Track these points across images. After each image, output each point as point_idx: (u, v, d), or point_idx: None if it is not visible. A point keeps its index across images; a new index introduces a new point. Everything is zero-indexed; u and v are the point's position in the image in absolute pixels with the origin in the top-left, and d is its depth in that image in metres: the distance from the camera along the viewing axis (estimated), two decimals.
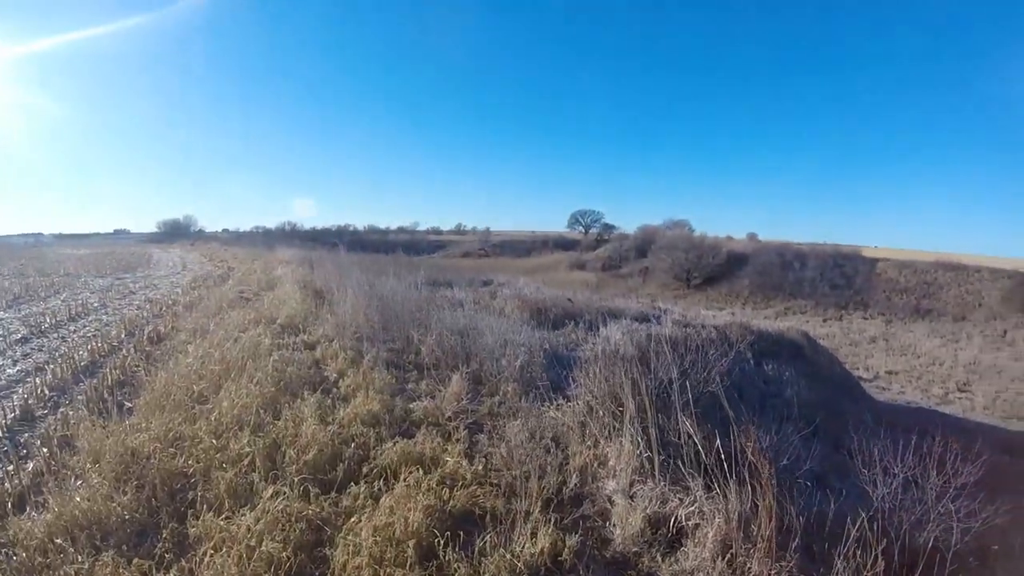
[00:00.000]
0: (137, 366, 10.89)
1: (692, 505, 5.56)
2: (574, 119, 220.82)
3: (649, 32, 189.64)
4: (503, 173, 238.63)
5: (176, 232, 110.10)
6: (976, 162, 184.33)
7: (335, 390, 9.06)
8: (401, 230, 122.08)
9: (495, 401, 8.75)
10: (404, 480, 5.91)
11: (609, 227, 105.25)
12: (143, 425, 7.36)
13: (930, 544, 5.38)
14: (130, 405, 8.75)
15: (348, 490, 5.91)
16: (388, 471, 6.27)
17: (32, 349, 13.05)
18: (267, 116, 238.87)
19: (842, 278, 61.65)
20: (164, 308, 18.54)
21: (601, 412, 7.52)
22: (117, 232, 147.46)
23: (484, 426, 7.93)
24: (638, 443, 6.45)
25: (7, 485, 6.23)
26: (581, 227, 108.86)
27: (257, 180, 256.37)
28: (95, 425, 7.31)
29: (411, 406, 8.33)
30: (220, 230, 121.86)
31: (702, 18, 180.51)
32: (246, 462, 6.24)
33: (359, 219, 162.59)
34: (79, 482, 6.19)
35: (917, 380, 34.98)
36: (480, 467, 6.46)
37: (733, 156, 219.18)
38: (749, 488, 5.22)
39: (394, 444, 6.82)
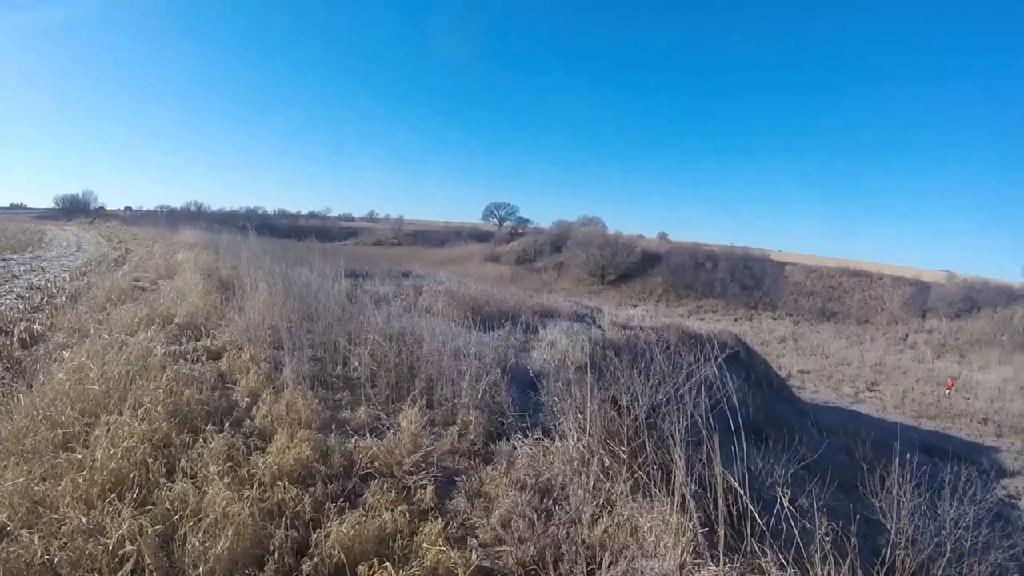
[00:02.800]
0: (1, 378, 8.79)
1: None
2: (491, 109, 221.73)
3: (568, 27, 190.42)
4: (418, 161, 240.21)
5: (75, 208, 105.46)
6: (879, 172, 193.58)
7: (248, 422, 7.04)
8: (312, 215, 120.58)
9: (455, 433, 7.03)
10: None
11: (523, 220, 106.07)
12: None
13: None
14: None
15: None
16: (339, 570, 4.48)
17: None
18: (177, 91, 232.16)
19: (751, 279, 64.62)
20: (46, 298, 16.25)
21: (602, 453, 6.00)
22: (13, 207, 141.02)
23: (453, 476, 6.17)
24: (676, 502, 4.92)
25: None
26: (496, 219, 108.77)
27: (163, 157, 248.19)
28: None
29: (351, 447, 6.40)
30: (122, 208, 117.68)
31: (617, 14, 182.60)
32: (129, 565, 4.26)
33: (269, 202, 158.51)
34: None
35: (828, 379, 37.02)
36: (472, 554, 4.66)
37: (643, 155, 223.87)
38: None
39: (341, 519, 4.92)
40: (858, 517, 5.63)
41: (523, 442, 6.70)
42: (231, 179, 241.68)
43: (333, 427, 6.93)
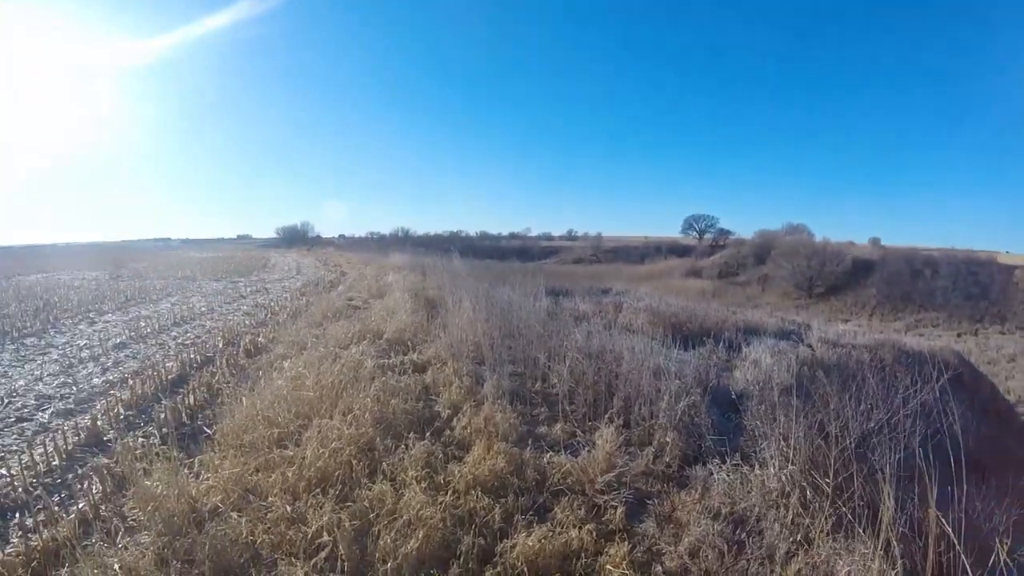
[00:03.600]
0: (227, 382, 9.60)
1: None
2: (684, 123, 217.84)
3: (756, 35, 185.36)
4: (614, 177, 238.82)
5: (294, 237, 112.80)
6: None
7: (448, 432, 7.23)
8: (513, 236, 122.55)
9: (650, 454, 6.81)
10: None
11: (724, 232, 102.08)
12: (214, 465, 6.00)
13: None
14: (209, 432, 7.46)
15: None
16: None
17: (126, 356, 12.30)
18: (381, 126, 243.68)
19: (976, 287, 57.31)
20: (269, 315, 17.54)
21: (803, 485, 5.60)
22: (240, 237, 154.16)
23: (644, 499, 5.95)
24: (880, 546, 4.47)
25: (42, 536, 5.04)
26: (695, 232, 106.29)
27: (373, 188, 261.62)
28: (158, 462, 5.88)
29: (545, 462, 6.37)
30: (336, 235, 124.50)
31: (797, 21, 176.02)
32: (324, 554, 4.50)
33: (471, 225, 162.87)
34: (125, 540, 4.90)
35: None
36: None
37: (850, 157, 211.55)
38: None
39: (528, 531, 4.91)
40: None
41: (720, 467, 6.39)
42: (435, 205, 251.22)
43: (529, 441, 6.94)
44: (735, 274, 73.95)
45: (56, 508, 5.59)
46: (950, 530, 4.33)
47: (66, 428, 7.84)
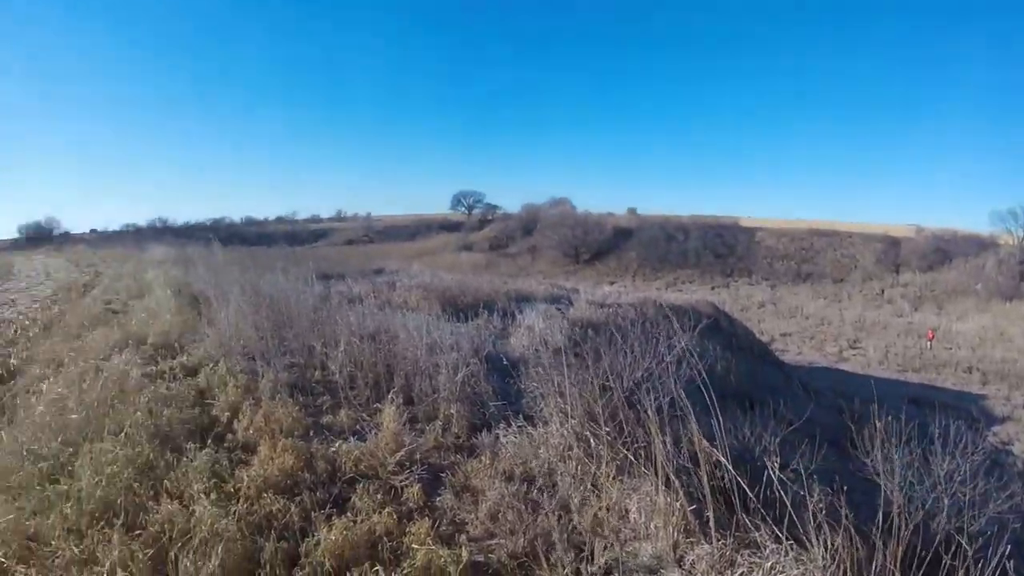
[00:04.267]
0: None
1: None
2: (449, 98, 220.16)
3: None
4: (381, 156, 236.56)
5: (40, 236, 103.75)
6: (839, 132, 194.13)
7: (230, 436, 6.96)
8: (280, 220, 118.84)
9: (437, 428, 6.99)
10: None
11: (492, 207, 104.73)
12: None
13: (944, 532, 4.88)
14: None
15: None
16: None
17: None
18: (132, 106, 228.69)
19: (724, 247, 65.44)
20: (19, 331, 16.05)
21: (586, 436, 5.94)
22: None
23: (439, 472, 6.11)
24: (663, 482, 4.87)
25: None
26: (464, 208, 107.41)
27: (124, 175, 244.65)
28: None
29: (334, 452, 6.34)
30: (88, 231, 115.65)
31: None
32: None
33: (235, 211, 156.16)
34: None
35: (811, 340, 36.85)
36: (462, 551, 4.58)
37: (606, 132, 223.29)
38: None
39: (329, 526, 4.88)
40: (850, 479, 5.65)
41: (506, 431, 6.66)
42: (194, 191, 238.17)
43: (316, 433, 6.90)
44: (505, 247, 76.43)
45: None
46: (721, 457, 4.76)
47: None
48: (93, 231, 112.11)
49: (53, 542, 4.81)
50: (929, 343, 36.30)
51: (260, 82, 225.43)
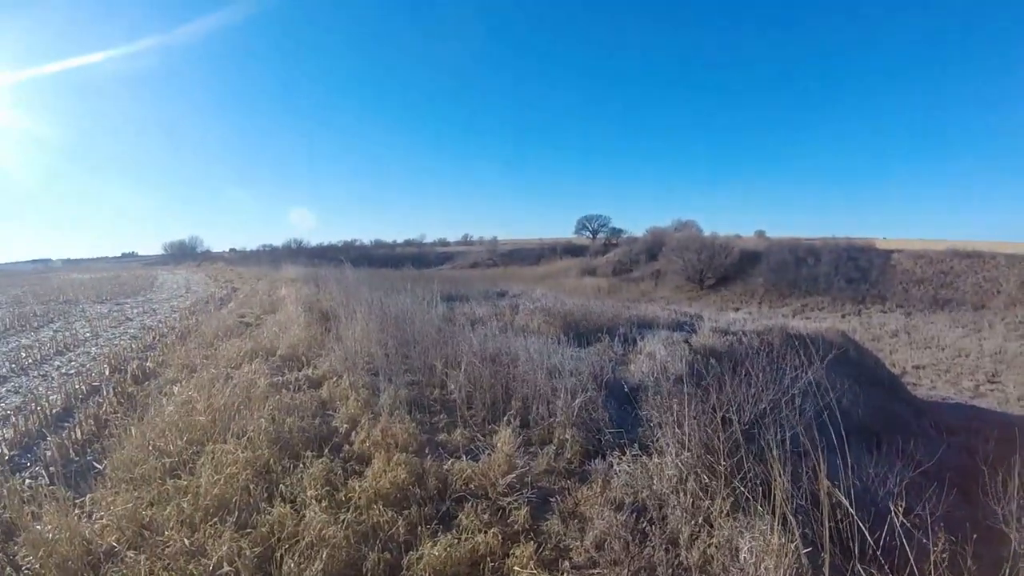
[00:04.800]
0: (115, 412, 9.20)
1: None
2: (575, 125, 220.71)
3: (648, 32, 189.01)
4: (508, 181, 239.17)
5: (183, 253, 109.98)
6: (980, 149, 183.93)
7: (346, 447, 7.12)
8: (408, 243, 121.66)
9: (550, 453, 6.90)
10: None
11: (617, 231, 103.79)
12: (107, 502, 5.69)
13: None
14: (100, 467, 7.04)
15: None
16: None
17: (8, 391, 11.50)
18: (271, 134, 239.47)
19: (857, 271, 60.93)
20: (157, 337, 16.93)
21: (699, 470, 5.71)
22: (124, 256, 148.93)
23: (548, 497, 6.02)
24: (777, 521, 4.59)
25: None
26: (588, 232, 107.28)
27: (262, 199, 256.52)
28: (47, 504, 5.62)
29: (446, 469, 6.36)
30: (227, 249, 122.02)
31: (703, 22, 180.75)
32: None
33: (365, 234, 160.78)
34: None
35: (946, 373, 34.46)
36: None
37: (734, 154, 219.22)
38: None
39: (433, 541, 4.90)
40: (974, 526, 5.25)
41: (620, 459, 6.48)
42: (329, 215, 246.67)
43: (430, 450, 6.94)
44: (629, 271, 75.13)
45: None
46: (843, 498, 4.50)
47: None
48: (232, 250, 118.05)
49: (166, 532, 5.02)
50: None
51: (393, 111, 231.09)
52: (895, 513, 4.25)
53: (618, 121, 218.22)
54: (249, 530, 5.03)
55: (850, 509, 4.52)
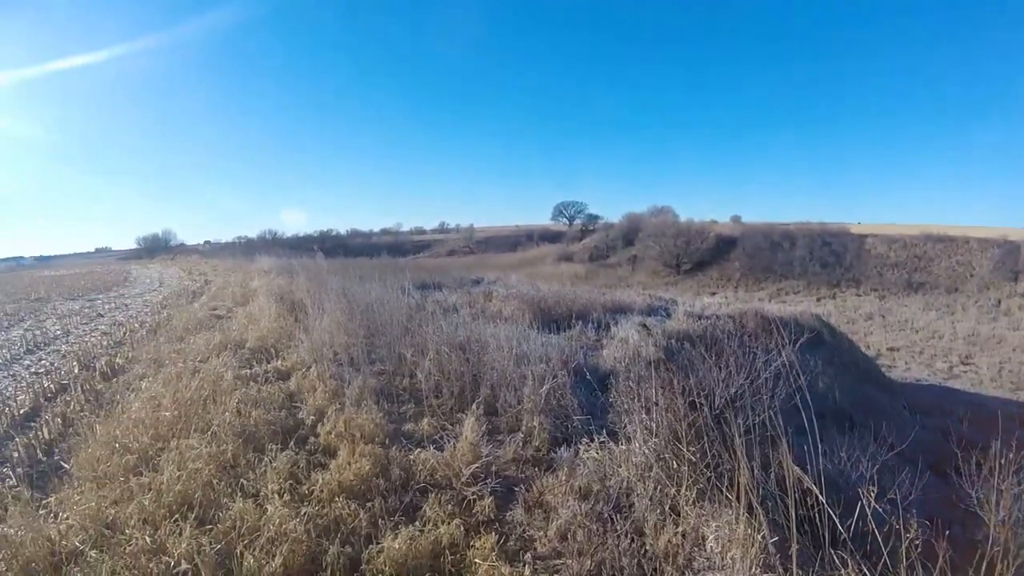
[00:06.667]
0: (82, 411, 9.08)
1: None
2: (552, 112, 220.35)
3: (623, 13, 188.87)
4: (484, 169, 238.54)
5: (156, 247, 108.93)
6: (954, 135, 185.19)
7: (313, 439, 7.06)
8: (385, 232, 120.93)
9: (518, 441, 6.86)
10: None
11: (593, 217, 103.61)
12: (72, 502, 5.63)
13: None
14: (66, 466, 6.95)
15: None
16: None
17: None
18: (246, 125, 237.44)
19: (831, 256, 61.81)
20: (128, 333, 16.75)
21: (667, 456, 5.67)
22: (99, 251, 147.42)
23: (513, 486, 5.97)
24: (745, 510, 4.53)
25: None
26: (565, 219, 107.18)
27: (237, 191, 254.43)
28: (13, 505, 5.59)
29: (412, 459, 6.31)
30: (201, 242, 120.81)
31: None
32: None
33: (342, 224, 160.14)
34: None
35: (919, 355, 34.99)
36: (525, 569, 4.48)
37: (711, 141, 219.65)
38: None
39: (395, 533, 4.84)
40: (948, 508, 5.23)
41: (588, 447, 6.42)
42: (303, 205, 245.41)
43: (396, 440, 6.90)
44: (606, 257, 75.32)
45: None
46: (812, 485, 4.44)
47: None
48: (207, 242, 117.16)
49: (128, 530, 4.96)
50: None
51: (368, 99, 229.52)
52: (866, 498, 4.18)
53: (595, 105, 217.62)
54: (210, 526, 4.96)
55: (820, 496, 4.45)
